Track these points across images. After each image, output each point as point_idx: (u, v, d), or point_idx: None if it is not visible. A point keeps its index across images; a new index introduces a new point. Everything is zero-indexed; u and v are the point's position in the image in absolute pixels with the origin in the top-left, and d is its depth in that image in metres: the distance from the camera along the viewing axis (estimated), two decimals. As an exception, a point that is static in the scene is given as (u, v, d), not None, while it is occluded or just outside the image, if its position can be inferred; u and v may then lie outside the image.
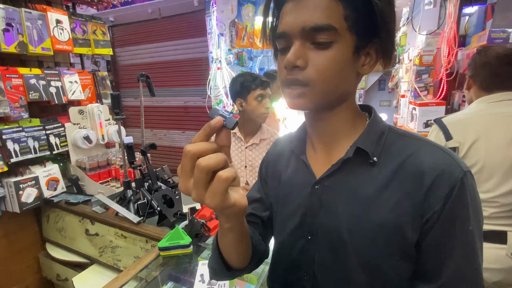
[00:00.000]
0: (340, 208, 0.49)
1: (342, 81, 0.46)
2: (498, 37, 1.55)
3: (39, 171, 1.57)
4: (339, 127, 0.51)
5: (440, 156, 0.45)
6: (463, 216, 0.43)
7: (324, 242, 0.51)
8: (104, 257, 1.42)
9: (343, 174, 0.50)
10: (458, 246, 0.43)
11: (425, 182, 0.43)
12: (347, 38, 0.44)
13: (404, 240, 0.45)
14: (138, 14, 3.78)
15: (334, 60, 0.44)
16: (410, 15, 2.16)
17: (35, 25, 1.52)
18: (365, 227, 0.47)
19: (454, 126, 1.13)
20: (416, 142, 0.48)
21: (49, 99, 1.59)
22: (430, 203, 0.43)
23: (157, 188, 1.35)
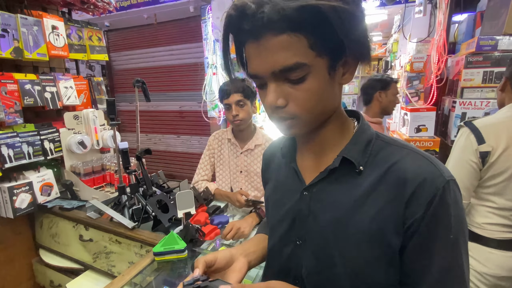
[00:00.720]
0: (327, 215, 0.50)
1: (325, 101, 0.47)
2: (487, 44, 1.60)
3: (33, 176, 1.56)
4: (327, 137, 0.53)
5: (423, 165, 0.45)
6: (445, 224, 0.43)
7: (312, 248, 0.52)
8: (98, 263, 1.42)
9: (330, 182, 0.51)
10: (439, 253, 0.44)
11: (407, 190, 0.44)
12: (319, 64, 0.43)
13: (388, 246, 0.46)
14: (134, 19, 3.80)
15: (312, 90, 0.44)
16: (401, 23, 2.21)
17: (30, 31, 1.52)
18: (350, 234, 0.48)
19: (487, 130, 1.08)
20: (401, 150, 0.49)
21: (44, 104, 1.59)
22: (412, 210, 0.44)
23: (152, 193, 1.35)
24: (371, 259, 0.47)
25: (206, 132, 3.80)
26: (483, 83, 1.61)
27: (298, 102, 0.45)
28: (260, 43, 0.42)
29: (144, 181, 1.38)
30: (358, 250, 0.47)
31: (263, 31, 0.41)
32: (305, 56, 0.41)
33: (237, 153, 1.58)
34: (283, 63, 0.42)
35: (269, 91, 0.45)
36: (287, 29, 0.40)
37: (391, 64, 3.05)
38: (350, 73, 0.47)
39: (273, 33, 0.40)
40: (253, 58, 0.44)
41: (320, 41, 0.41)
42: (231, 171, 1.60)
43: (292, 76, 0.43)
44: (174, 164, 4.30)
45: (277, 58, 0.41)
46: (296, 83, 0.43)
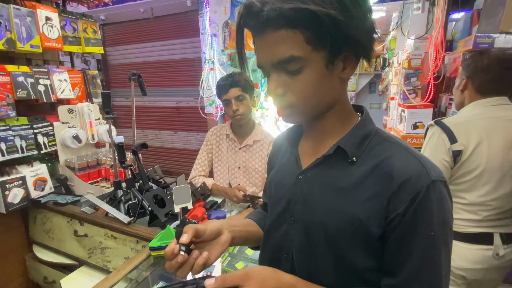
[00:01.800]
0: (317, 198, 0.54)
1: (323, 93, 0.50)
2: (484, 42, 1.60)
3: (26, 171, 1.53)
4: (327, 128, 0.56)
5: (411, 163, 0.48)
6: (426, 221, 0.45)
7: (302, 227, 0.56)
8: (93, 258, 1.40)
9: (324, 168, 0.55)
10: (418, 248, 0.46)
11: (393, 185, 0.46)
12: (315, 58, 0.46)
13: (369, 233, 0.48)
14: (130, 13, 3.74)
15: (307, 81, 0.48)
16: (399, 20, 2.21)
17: (24, 22, 1.49)
18: (335, 217, 0.51)
19: (458, 129, 1.10)
20: (395, 147, 0.51)
21: (38, 97, 1.56)
22: (395, 205, 0.46)
23: (148, 188, 1.34)
24: (353, 244, 0.50)
25: (203, 128, 3.78)
26: (479, 81, 1.62)
27: (295, 91, 0.49)
28: (262, 37, 0.47)
29: (140, 176, 1.36)
30: (341, 234, 0.50)
31: (264, 27, 0.46)
32: (301, 50, 0.45)
33: (236, 148, 1.57)
34: (279, 55, 0.46)
35: (270, 81, 0.51)
36: (284, 25, 0.44)
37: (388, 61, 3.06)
38: (350, 68, 0.50)
39: (272, 29, 0.45)
40: (258, 51, 0.50)
41: (315, 37, 0.45)
42: (229, 167, 1.60)
43: (289, 68, 0.47)
44: (171, 160, 4.28)
45: (275, 51, 0.46)
46: (293, 74, 0.48)
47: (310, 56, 0.46)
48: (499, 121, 1.08)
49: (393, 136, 0.55)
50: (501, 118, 1.09)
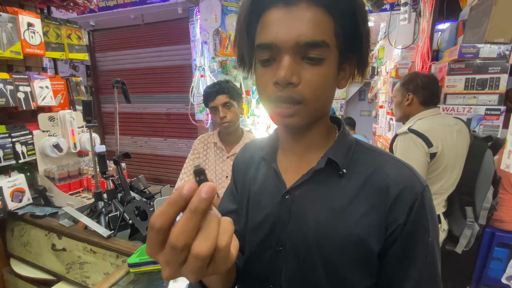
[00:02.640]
0: (309, 218, 0.49)
1: (329, 97, 0.47)
2: (469, 52, 1.63)
3: (3, 181, 1.46)
4: (313, 140, 0.52)
5: (403, 171, 0.47)
6: (424, 228, 0.45)
7: (292, 252, 0.51)
8: (71, 273, 1.33)
9: (313, 184, 0.50)
10: (420, 256, 0.45)
11: (390, 195, 0.45)
12: (335, 55, 0.44)
13: (369, 251, 0.46)
14: (120, 19, 3.71)
15: (325, 77, 0.43)
16: (386, 30, 2.24)
17: (4, 27, 1.44)
18: (333, 237, 0.47)
19: (429, 135, 1.29)
20: (381, 156, 0.50)
21: (17, 104, 1.50)
22: (395, 216, 0.45)
23: (130, 199, 1.29)
24: (352, 263, 0.47)
25: (193, 135, 3.74)
26: (465, 90, 1.64)
27: (310, 84, 0.42)
28: (290, 9, 0.40)
29: (122, 187, 1.32)
30: (340, 254, 0.47)
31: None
32: (330, 39, 0.42)
33: (223, 157, 1.54)
34: (312, 36, 0.40)
35: (284, 65, 0.41)
36: (324, 5, 0.40)
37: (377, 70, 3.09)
38: (345, 79, 0.49)
39: (310, 3, 0.40)
40: (276, 24, 0.41)
41: (343, 33, 0.43)
42: (217, 176, 1.56)
43: (313, 54, 0.41)
44: (161, 167, 4.20)
45: (307, 29, 0.40)
46: (314, 64, 0.42)
47: (333, 50, 0.43)
48: (445, 127, 1.33)
49: (373, 145, 0.53)
50: (445, 125, 1.34)
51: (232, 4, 2.59)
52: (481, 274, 1.70)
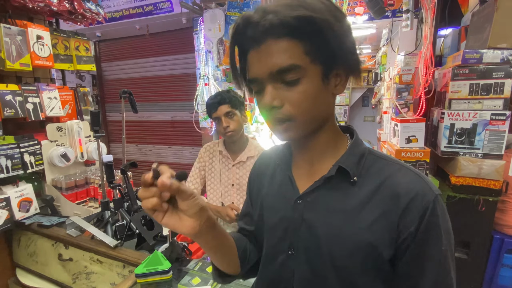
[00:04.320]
0: (321, 224, 0.51)
1: (320, 107, 0.49)
2: (472, 57, 1.63)
3: (11, 191, 1.48)
4: (321, 147, 0.54)
5: (414, 180, 0.48)
6: (436, 237, 0.45)
7: (304, 257, 0.53)
8: (78, 284, 1.33)
9: (325, 191, 0.52)
10: (432, 265, 0.46)
11: (401, 203, 0.46)
12: (313, 70, 0.47)
13: (380, 257, 0.47)
14: (126, 30, 3.79)
15: (305, 93, 0.47)
16: (389, 36, 2.25)
17: (14, 40, 1.48)
18: (344, 243, 0.48)
19: None
20: (393, 165, 0.51)
21: (26, 115, 1.53)
22: (406, 223, 0.45)
23: (136, 208, 1.29)
24: (363, 268, 0.48)
25: (198, 143, 3.75)
26: (469, 95, 1.64)
27: (293, 103, 0.47)
28: (261, 48, 0.46)
29: (129, 196, 1.32)
30: (351, 259, 0.48)
31: (264, 37, 0.45)
32: (300, 60, 0.45)
33: (229, 165, 1.54)
34: (280, 64, 0.45)
35: (266, 93, 0.48)
36: (286, 35, 0.44)
37: (380, 76, 3.10)
38: (342, 84, 0.50)
39: (273, 38, 0.45)
40: (254, 63, 0.48)
41: (314, 49, 0.45)
42: (223, 184, 1.56)
43: (288, 78, 0.46)
44: (165, 175, 4.21)
45: (275, 60, 0.45)
46: (292, 85, 0.46)
47: (309, 67, 0.46)
48: None
49: (385, 154, 0.55)
50: None
51: (236, 14, 2.64)
52: (491, 282, 1.66)
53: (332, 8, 0.46)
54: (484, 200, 1.58)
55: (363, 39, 3.52)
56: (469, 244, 1.61)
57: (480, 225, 1.59)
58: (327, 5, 0.46)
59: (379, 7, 1.92)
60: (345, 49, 0.47)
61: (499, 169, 1.52)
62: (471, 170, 1.59)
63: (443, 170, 1.79)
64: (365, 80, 3.91)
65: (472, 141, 1.64)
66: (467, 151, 1.65)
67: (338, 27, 0.45)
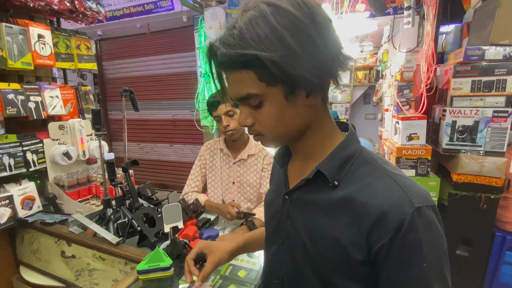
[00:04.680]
0: (301, 221, 0.55)
1: (288, 122, 0.50)
2: (474, 54, 1.62)
3: (14, 189, 1.49)
4: (308, 150, 0.56)
5: (392, 190, 0.46)
6: (415, 253, 0.43)
7: (289, 249, 0.57)
8: (80, 280, 1.34)
9: (307, 190, 0.55)
10: (410, 282, 0.44)
11: (372, 215, 0.45)
12: (272, 92, 0.47)
13: (351, 260, 0.47)
14: (127, 28, 3.79)
15: (269, 114, 0.49)
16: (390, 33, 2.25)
17: (15, 39, 1.49)
18: (318, 242, 0.51)
19: None
20: (377, 171, 0.49)
21: (28, 114, 1.54)
22: (378, 234, 0.44)
23: (138, 206, 1.30)
24: (337, 269, 0.49)
25: (199, 141, 3.76)
26: (472, 92, 1.63)
27: (260, 123, 0.51)
28: (226, 75, 0.50)
29: (130, 194, 1.33)
30: (324, 258, 0.50)
31: (223, 68, 0.49)
32: (256, 87, 0.47)
33: (230, 163, 1.55)
34: (238, 93, 0.49)
35: (240, 112, 0.53)
36: (237, 67, 0.46)
37: (382, 74, 3.09)
38: (314, 95, 0.49)
39: (229, 70, 0.48)
40: (228, 85, 0.52)
41: (267, 74, 0.45)
42: (223, 182, 1.56)
43: (251, 103, 0.49)
44: (167, 173, 4.23)
45: (235, 89, 0.49)
46: (256, 108, 0.50)
47: (266, 91, 0.47)
48: None
49: (378, 158, 0.53)
50: None
51: (236, 12, 2.63)
52: (492, 280, 1.66)
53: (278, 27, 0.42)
54: (486, 198, 1.57)
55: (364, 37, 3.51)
56: (470, 241, 1.61)
57: (482, 223, 1.58)
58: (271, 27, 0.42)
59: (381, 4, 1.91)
60: (309, 64, 0.43)
61: (501, 166, 1.52)
62: (473, 168, 1.58)
63: (445, 168, 1.78)
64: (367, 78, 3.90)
65: (474, 138, 1.63)
66: (469, 148, 1.64)
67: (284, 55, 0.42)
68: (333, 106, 4.22)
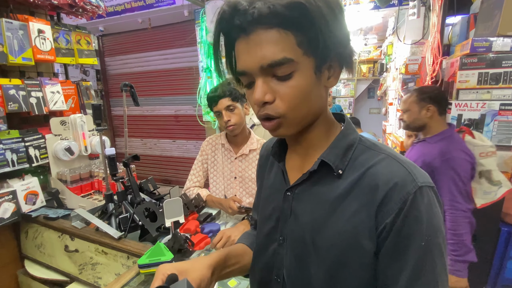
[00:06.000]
0: (306, 216, 0.52)
1: (312, 102, 0.47)
2: (481, 46, 1.58)
3: (17, 184, 1.50)
4: (312, 141, 0.54)
5: (396, 170, 0.45)
6: (416, 230, 0.43)
7: (292, 247, 0.54)
8: (84, 274, 1.36)
9: (311, 184, 0.52)
10: (411, 259, 0.43)
11: (379, 194, 0.45)
12: (305, 62, 0.44)
13: (361, 249, 0.46)
14: (128, 23, 3.78)
15: (298, 88, 0.44)
16: (395, 25, 2.20)
17: (16, 35, 1.48)
18: (326, 235, 0.49)
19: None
20: (378, 154, 0.49)
21: (29, 110, 1.54)
22: (383, 215, 0.44)
23: (139, 201, 1.30)
24: (346, 262, 0.47)
25: (201, 136, 3.76)
26: (478, 85, 1.59)
27: (284, 98, 0.45)
28: (250, 38, 0.43)
29: (132, 188, 1.33)
30: (333, 251, 0.48)
31: (253, 26, 0.42)
32: (293, 52, 0.42)
33: (231, 158, 1.54)
34: (271, 57, 0.42)
35: (257, 87, 0.45)
36: (276, 25, 0.41)
37: (386, 67, 3.04)
38: (334, 77, 0.48)
39: (263, 27, 0.42)
40: (243, 53, 0.45)
41: (307, 40, 0.42)
42: (225, 177, 1.56)
43: (280, 72, 0.44)
44: (170, 169, 4.25)
45: (266, 52, 0.42)
46: (283, 80, 0.44)
47: (301, 60, 0.43)
48: None
49: (378, 143, 0.52)
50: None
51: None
52: (497, 275, 1.65)
53: None
54: (492, 192, 1.54)
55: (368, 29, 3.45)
56: (475, 237, 1.59)
57: (487, 218, 1.56)
58: None
59: (385, -5, 1.87)
60: (339, 40, 0.44)
61: (508, 160, 1.49)
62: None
63: (450, 162, 1.75)
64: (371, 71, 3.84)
65: (480, 132, 1.60)
66: (475, 142, 1.61)
67: (331, 16, 0.42)
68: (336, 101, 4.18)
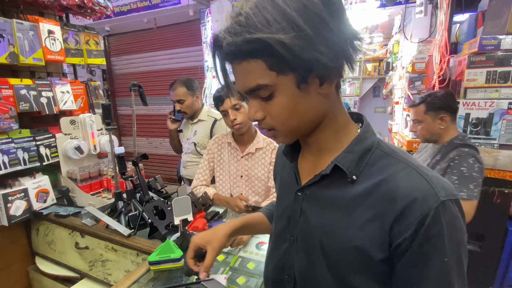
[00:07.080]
0: (316, 218, 0.52)
1: (301, 113, 0.48)
2: (489, 43, 1.57)
3: (29, 183, 1.53)
4: (322, 142, 0.53)
5: (417, 182, 0.44)
6: (437, 247, 0.42)
7: (302, 247, 0.54)
8: (94, 271, 1.38)
9: (322, 186, 0.52)
10: (430, 276, 0.42)
11: (396, 207, 0.43)
12: (283, 81, 0.44)
13: (370, 258, 0.45)
14: (134, 23, 3.81)
15: (280, 105, 0.46)
16: (401, 23, 2.18)
17: (26, 35, 1.51)
18: (335, 240, 0.49)
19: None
20: (398, 163, 0.47)
21: (40, 109, 1.57)
22: (401, 229, 0.43)
23: (148, 199, 1.32)
24: (355, 268, 0.47)
25: (206, 136, 3.77)
26: (486, 83, 1.58)
27: (272, 115, 0.48)
28: (233, 66, 0.47)
29: (141, 187, 1.35)
30: (342, 258, 0.48)
31: (229, 60, 0.47)
32: (266, 77, 0.44)
33: (238, 157, 1.55)
34: (248, 85, 0.46)
35: (249, 106, 0.50)
36: (245, 57, 0.44)
37: (392, 65, 3.02)
38: (329, 82, 0.46)
39: (236, 61, 0.45)
40: (235, 78, 0.50)
41: (277, 63, 0.43)
42: (231, 175, 1.57)
43: (261, 94, 0.47)
44: (175, 167, 4.28)
45: (243, 81, 0.47)
46: (267, 100, 0.47)
47: (277, 81, 0.44)
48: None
49: (397, 149, 0.50)
50: None
51: (243, 4, 2.60)
52: (504, 275, 1.64)
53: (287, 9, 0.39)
54: (499, 192, 1.54)
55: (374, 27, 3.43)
56: (483, 236, 1.58)
57: (495, 217, 1.55)
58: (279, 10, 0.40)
59: (392, -7, 1.86)
60: (315, 53, 0.41)
61: (516, 159, 1.48)
62: (487, 161, 1.55)
63: (457, 161, 1.74)
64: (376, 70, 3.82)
65: (488, 131, 1.59)
66: (483, 141, 1.60)
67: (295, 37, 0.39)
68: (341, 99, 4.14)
